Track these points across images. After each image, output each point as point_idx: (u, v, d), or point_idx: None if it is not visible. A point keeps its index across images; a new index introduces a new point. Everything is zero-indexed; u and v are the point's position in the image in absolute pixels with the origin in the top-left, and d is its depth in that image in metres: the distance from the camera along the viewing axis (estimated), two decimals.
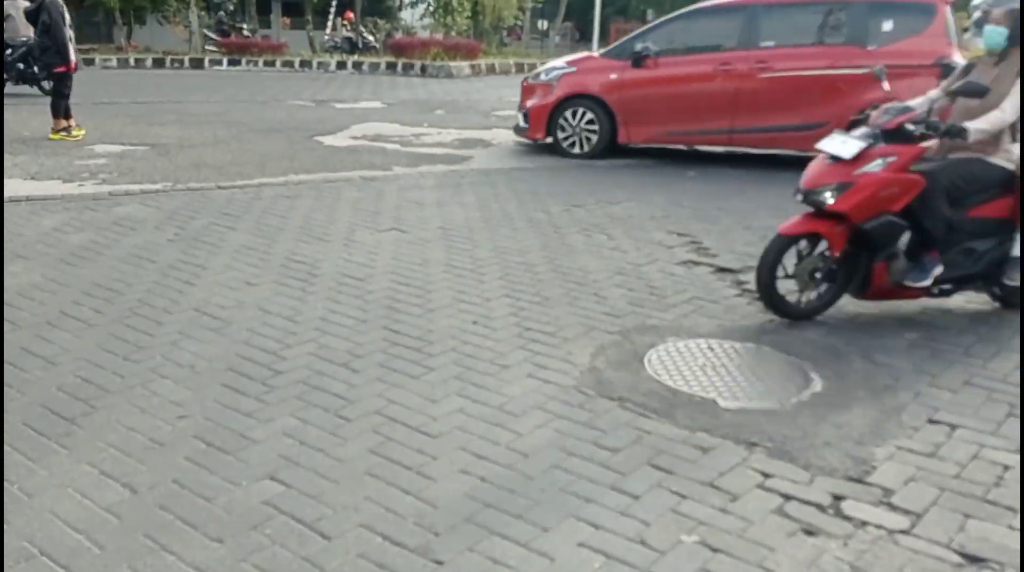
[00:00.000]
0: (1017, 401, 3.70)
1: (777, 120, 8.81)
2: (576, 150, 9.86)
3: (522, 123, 10.31)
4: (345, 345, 4.17)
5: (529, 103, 10.20)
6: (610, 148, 9.78)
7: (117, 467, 3.07)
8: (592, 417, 3.49)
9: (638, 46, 9.64)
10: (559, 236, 6.26)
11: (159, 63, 23.04)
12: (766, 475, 3.10)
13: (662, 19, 10.40)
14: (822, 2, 9.18)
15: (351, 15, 31.01)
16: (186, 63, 23.26)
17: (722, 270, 5.49)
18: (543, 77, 10.34)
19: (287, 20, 35.77)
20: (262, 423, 3.40)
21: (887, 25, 8.68)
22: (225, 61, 23.70)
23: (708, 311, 4.77)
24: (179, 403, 3.55)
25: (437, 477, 3.04)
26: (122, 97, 15.07)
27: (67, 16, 10.07)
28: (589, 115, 9.76)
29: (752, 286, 5.11)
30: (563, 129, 9.90)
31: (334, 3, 31.22)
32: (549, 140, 10.05)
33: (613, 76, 9.70)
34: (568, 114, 9.86)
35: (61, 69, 10.15)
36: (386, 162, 9.19)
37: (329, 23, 30.78)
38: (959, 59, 7.47)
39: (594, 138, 9.78)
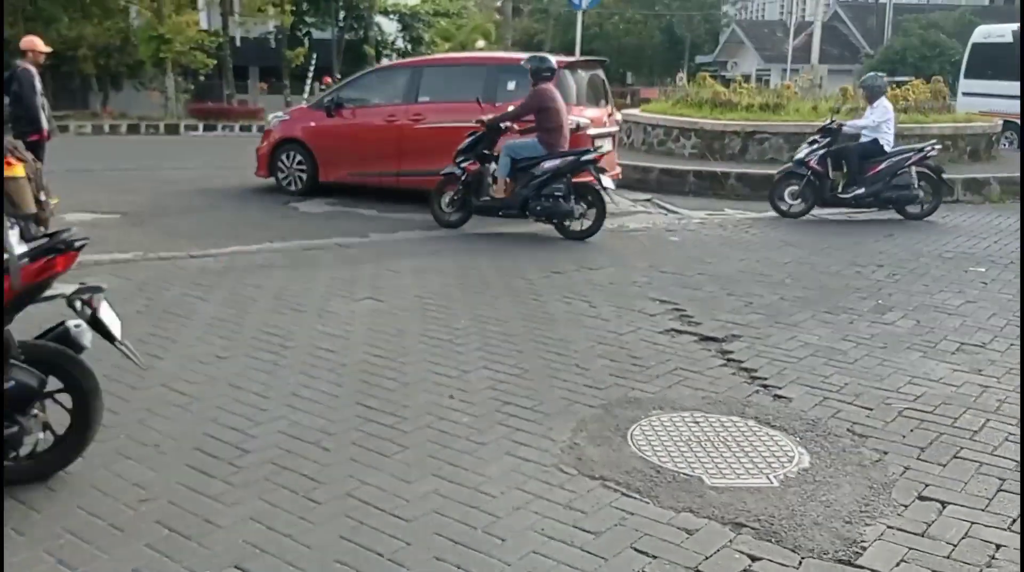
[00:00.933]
0: (1008, 475, 3.61)
1: (431, 165, 9.61)
2: (292, 188, 11.43)
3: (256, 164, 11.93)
4: (317, 422, 4.03)
5: (258, 146, 11.93)
6: (316, 187, 11.29)
7: (75, 556, 2.92)
8: (573, 498, 3.37)
9: (329, 98, 11.53)
10: (539, 304, 6.18)
11: (134, 129, 23.05)
12: (753, 558, 2.99)
13: (355, 75, 12.64)
14: (463, 64, 11.87)
15: (329, 79, 31.34)
16: (161, 129, 23.28)
17: (706, 339, 5.42)
18: (271, 123, 12.10)
19: (264, 85, 36.12)
20: (228, 507, 3.25)
21: (511, 84, 10.19)
22: (201, 127, 23.76)
23: (693, 382, 4.68)
24: (143, 485, 3.41)
25: (410, 564, 2.90)
26: (96, 164, 14.97)
27: (38, 84, 10.01)
28: (299, 157, 11.37)
29: (737, 356, 5.05)
30: (281, 170, 11.52)
31: (312, 68, 31.56)
32: (272, 180, 11.58)
33: (312, 123, 11.42)
34: (284, 157, 11.49)
35: (34, 138, 10.05)
36: (363, 228, 9.12)
37: (307, 88, 31.06)
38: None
39: (304, 177, 11.34)
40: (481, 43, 30.07)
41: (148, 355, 4.91)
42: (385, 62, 34.64)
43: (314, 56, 32.12)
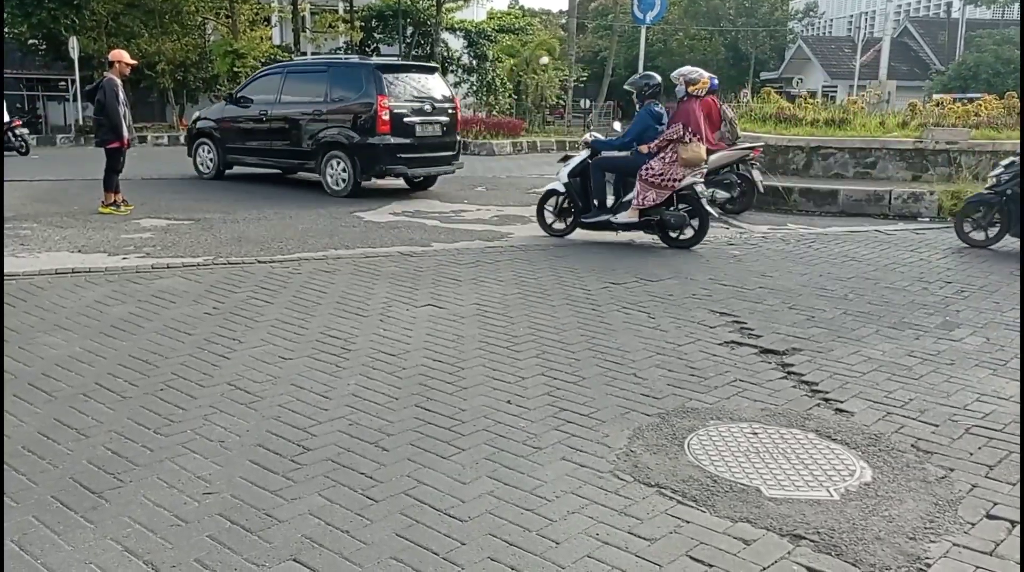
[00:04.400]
0: None
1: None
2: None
3: None
4: (376, 423, 4.09)
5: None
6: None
7: (140, 544, 3.00)
8: (628, 504, 3.36)
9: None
10: (597, 313, 6.18)
11: None
12: (812, 571, 2.93)
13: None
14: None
15: None
16: None
17: (766, 351, 5.35)
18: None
19: None
20: (288, 502, 3.32)
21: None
22: None
23: (752, 394, 4.62)
24: (206, 479, 3.49)
25: (464, 564, 2.92)
26: (170, 173, 15.46)
27: (121, 95, 10.40)
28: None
29: (798, 369, 4.98)
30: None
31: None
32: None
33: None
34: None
35: (114, 145, 10.44)
36: (425, 238, 9.24)
37: None
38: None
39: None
40: (545, 59, 30.10)
41: (215, 355, 5.06)
42: (451, 78, 35.05)
43: None
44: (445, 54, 34.23)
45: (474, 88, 34.94)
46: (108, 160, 10.57)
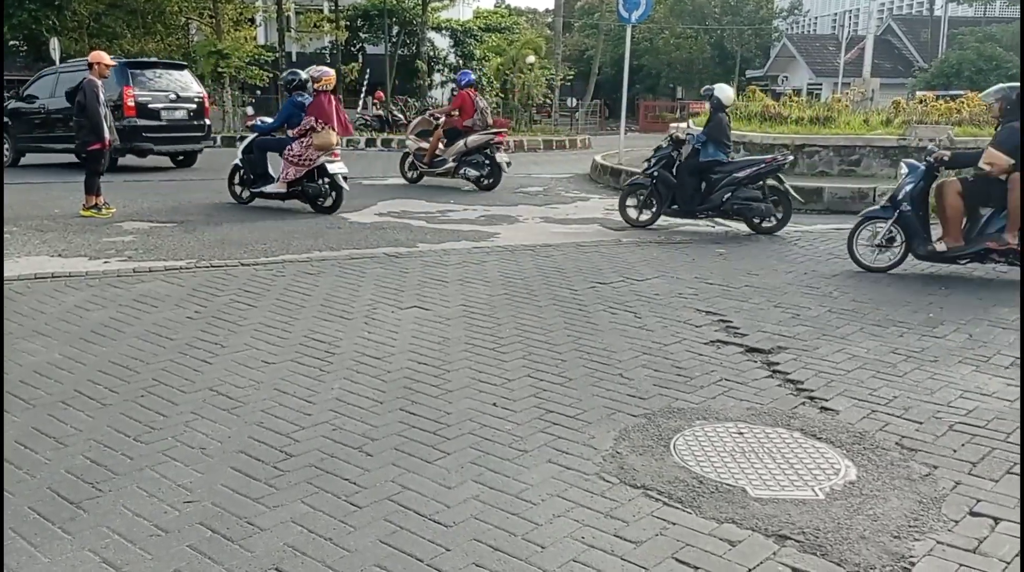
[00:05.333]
0: None
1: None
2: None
3: None
4: (360, 427, 4.06)
5: None
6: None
7: (119, 555, 2.96)
8: (614, 506, 3.34)
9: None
10: (583, 314, 6.16)
11: None
12: (797, 571, 2.92)
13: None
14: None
15: (381, 95, 31.72)
16: (219, 142, 23.74)
17: (752, 350, 5.35)
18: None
19: (375, 98, 36.53)
20: (270, 509, 3.29)
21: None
22: None
23: (737, 393, 4.61)
24: (187, 487, 3.46)
25: (449, 570, 2.89)
26: (154, 175, 15.36)
27: (102, 96, 10.31)
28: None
29: (784, 368, 4.98)
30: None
31: (365, 83, 31.98)
32: None
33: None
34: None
35: (95, 146, 10.35)
36: (411, 239, 9.21)
37: (360, 102, 31.48)
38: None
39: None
40: (532, 58, 30.07)
41: (197, 360, 5.01)
42: (437, 78, 35.01)
43: (367, 71, 32.54)
44: (431, 53, 34.22)
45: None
46: (89, 162, 10.48)
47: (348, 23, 33.19)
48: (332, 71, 11.21)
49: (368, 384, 4.65)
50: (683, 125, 10.80)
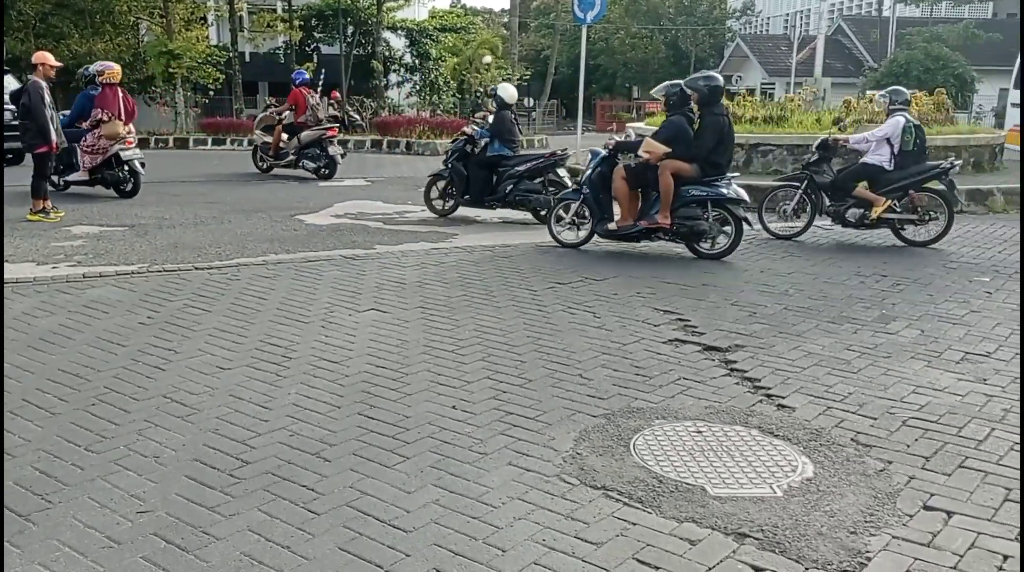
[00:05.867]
0: (1014, 484, 3.57)
1: None
2: None
3: None
4: (317, 432, 4.01)
5: None
6: None
7: (70, 568, 2.89)
8: (574, 508, 3.34)
9: None
10: (542, 314, 6.16)
11: (144, 143, 23.01)
12: (757, 569, 2.95)
13: None
14: None
15: (337, 94, 31.44)
16: (171, 143, 23.41)
17: (709, 349, 5.39)
18: None
19: (273, 100, 36.21)
20: (226, 518, 3.23)
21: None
22: (210, 141, 23.86)
23: (696, 392, 4.64)
24: (140, 497, 3.38)
25: None
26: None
27: (47, 98, 10.08)
28: None
29: (741, 366, 5.02)
30: None
31: (320, 83, 31.67)
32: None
33: None
34: None
35: (42, 149, 10.12)
36: (368, 241, 9.13)
37: (315, 101, 31.09)
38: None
39: None
40: (488, 58, 30.09)
41: (149, 367, 4.92)
42: (393, 78, 34.79)
43: (323, 71, 32.25)
44: (387, 53, 33.99)
45: (417, 87, 34.76)
46: (36, 165, 10.24)
47: (302, 23, 32.81)
48: (116, 65, 12.21)
49: (326, 389, 4.60)
50: (640, 125, 10.96)
